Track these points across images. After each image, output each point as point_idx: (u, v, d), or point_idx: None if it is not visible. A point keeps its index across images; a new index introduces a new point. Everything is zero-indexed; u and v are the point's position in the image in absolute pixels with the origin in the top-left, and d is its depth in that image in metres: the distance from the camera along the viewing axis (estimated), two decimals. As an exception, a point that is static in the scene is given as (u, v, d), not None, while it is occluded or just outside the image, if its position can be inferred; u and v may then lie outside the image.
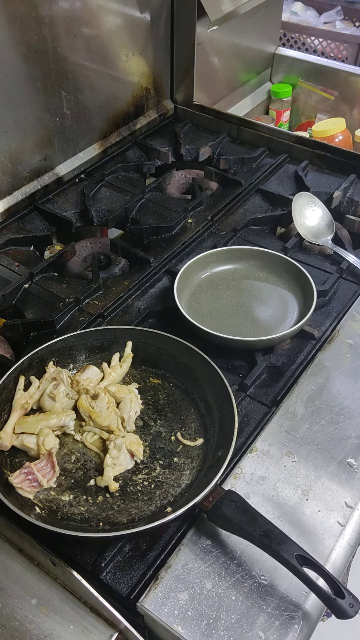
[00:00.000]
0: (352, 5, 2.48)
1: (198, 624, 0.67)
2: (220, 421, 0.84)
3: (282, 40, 2.29)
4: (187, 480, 0.79)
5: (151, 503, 0.77)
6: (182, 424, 0.86)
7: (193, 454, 0.83)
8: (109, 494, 0.78)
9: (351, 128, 1.65)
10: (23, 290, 1.10)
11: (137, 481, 0.80)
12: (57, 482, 0.79)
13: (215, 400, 0.86)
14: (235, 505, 0.72)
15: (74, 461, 0.82)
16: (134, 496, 0.78)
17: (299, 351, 0.99)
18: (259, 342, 0.96)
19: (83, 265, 1.21)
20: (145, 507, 0.76)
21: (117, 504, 0.77)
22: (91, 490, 0.79)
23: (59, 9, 1.17)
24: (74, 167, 1.37)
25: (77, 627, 0.68)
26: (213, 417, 0.85)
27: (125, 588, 0.70)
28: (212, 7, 1.40)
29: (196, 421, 0.87)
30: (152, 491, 0.78)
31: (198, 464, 0.81)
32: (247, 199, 1.33)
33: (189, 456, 0.82)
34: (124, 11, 1.34)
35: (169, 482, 0.79)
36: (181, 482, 0.79)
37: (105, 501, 0.77)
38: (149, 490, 0.78)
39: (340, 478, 0.81)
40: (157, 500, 0.77)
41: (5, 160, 1.21)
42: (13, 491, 0.76)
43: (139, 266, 1.16)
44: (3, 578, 0.72)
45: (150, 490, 0.78)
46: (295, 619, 0.68)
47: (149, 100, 1.53)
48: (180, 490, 0.78)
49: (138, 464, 0.81)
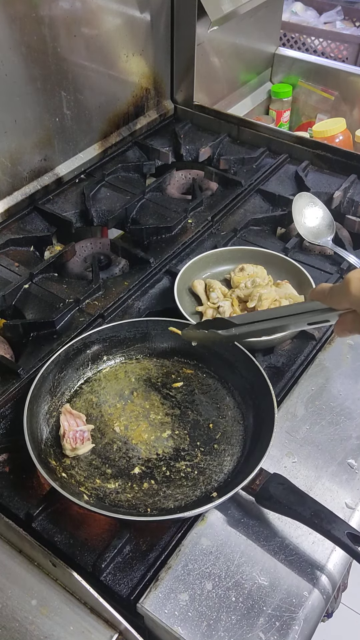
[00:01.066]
0: (352, 5, 2.48)
1: (198, 625, 0.67)
2: (257, 408, 0.85)
3: (282, 40, 2.29)
4: (229, 466, 0.81)
5: (196, 488, 0.79)
6: (219, 412, 0.88)
7: (233, 441, 0.85)
8: (154, 480, 0.80)
9: (351, 128, 1.65)
10: (23, 290, 1.10)
11: (180, 468, 0.81)
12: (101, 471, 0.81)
13: (250, 387, 0.88)
14: (282, 487, 0.74)
15: (116, 450, 0.84)
16: (179, 482, 0.80)
17: (299, 352, 0.99)
18: (259, 342, 0.96)
19: (83, 266, 1.21)
20: (191, 492, 0.78)
21: (163, 490, 0.79)
22: (136, 477, 0.80)
23: (59, 9, 1.17)
24: (74, 168, 1.37)
25: (77, 628, 0.68)
26: (249, 404, 0.87)
27: (126, 589, 0.70)
28: (212, 7, 1.40)
29: (233, 409, 0.89)
30: (196, 477, 0.80)
31: (238, 450, 0.83)
32: (247, 199, 1.33)
33: (229, 443, 0.84)
34: (124, 11, 1.34)
35: (211, 468, 0.81)
36: (223, 468, 0.81)
37: (151, 488, 0.79)
38: (193, 476, 0.80)
39: (340, 479, 0.80)
40: (202, 485, 0.79)
41: (5, 161, 1.21)
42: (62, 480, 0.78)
43: (139, 266, 1.16)
44: (3, 579, 0.72)
45: (194, 476, 0.80)
46: (296, 619, 0.68)
47: (149, 101, 1.53)
48: (223, 476, 0.80)
49: (179, 451, 0.83)
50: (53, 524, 0.76)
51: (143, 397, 0.91)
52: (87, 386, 0.92)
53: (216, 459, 0.82)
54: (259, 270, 1.06)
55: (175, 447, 0.84)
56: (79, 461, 0.82)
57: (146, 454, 0.83)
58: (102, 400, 0.90)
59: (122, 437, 0.85)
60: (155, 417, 0.88)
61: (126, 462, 0.82)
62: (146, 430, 0.86)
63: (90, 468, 0.81)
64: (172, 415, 0.88)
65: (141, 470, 0.81)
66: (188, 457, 0.83)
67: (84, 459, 0.83)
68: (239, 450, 0.83)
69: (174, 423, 0.87)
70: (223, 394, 0.91)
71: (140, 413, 0.88)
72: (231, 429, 0.86)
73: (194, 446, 0.84)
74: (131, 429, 0.86)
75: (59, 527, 0.76)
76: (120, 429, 0.86)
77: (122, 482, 0.80)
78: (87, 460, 0.82)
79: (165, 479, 0.80)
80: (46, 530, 0.76)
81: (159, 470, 0.81)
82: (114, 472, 0.81)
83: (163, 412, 0.89)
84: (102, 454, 0.83)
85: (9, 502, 0.79)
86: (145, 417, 0.88)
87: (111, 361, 0.96)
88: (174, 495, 0.78)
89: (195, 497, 0.77)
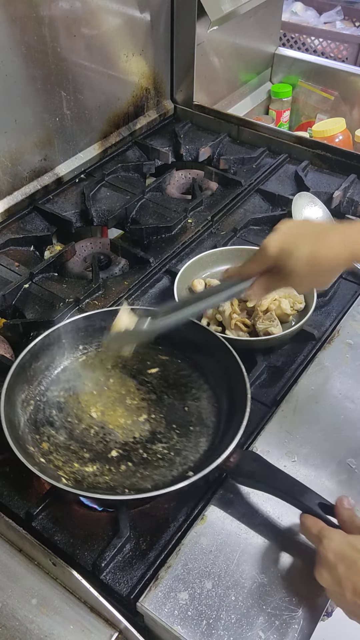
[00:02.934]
0: (352, 5, 2.48)
1: (198, 624, 0.67)
2: (231, 389, 0.86)
3: (282, 40, 2.29)
4: (204, 447, 0.82)
5: (172, 469, 0.80)
6: (194, 395, 0.90)
7: (208, 422, 0.86)
8: (131, 463, 0.80)
9: (351, 128, 1.65)
10: (23, 290, 1.10)
11: (157, 450, 0.82)
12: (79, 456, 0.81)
13: (224, 370, 0.88)
14: (256, 464, 0.76)
15: (93, 435, 0.84)
16: (155, 464, 0.81)
17: (299, 351, 0.99)
18: (259, 342, 0.96)
19: (83, 265, 1.21)
20: (168, 472, 0.79)
21: (140, 472, 0.79)
22: (113, 460, 0.81)
23: (59, 9, 1.17)
24: (74, 167, 1.37)
25: (77, 627, 0.68)
26: (223, 386, 0.88)
27: (125, 588, 0.70)
28: (212, 7, 1.40)
29: (207, 392, 0.90)
30: (172, 458, 0.81)
31: (213, 430, 0.84)
32: (247, 199, 1.33)
33: (205, 424, 0.85)
34: (124, 11, 1.34)
35: (187, 449, 0.82)
36: (199, 449, 0.82)
37: (128, 470, 0.80)
38: (169, 457, 0.81)
39: (340, 478, 0.81)
40: (178, 466, 0.80)
41: (5, 160, 1.21)
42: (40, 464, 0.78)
43: (139, 266, 1.16)
44: (3, 578, 0.72)
45: (171, 457, 0.81)
46: (295, 619, 0.68)
47: (149, 100, 1.53)
48: (199, 456, 0.81)
49: (155, 434, 0.84)
50: (53, 523, 0.76)
51: (119, 384, 0.92)
52: (63, 374, 0.93)
53: (192, 440, 0.83)
54: None
55: (152, 430, 0.85)
56: (57, 447, 0.83)
57: (123, 437, 0.84)
58: (79, 388, 0.91)
59: (99, 422, 0.86)
60: (132, 402, 0.89)
61: (103, 446, 0.83)
62: (122, 415, 0.87)
63: (68, 453, 0.82)
64: (148, 400, 0.89)
65: (118, 453, 0.82)
66: (164, 439, 0.84)
67: (62, 444, 0.83)
68: (214, 431, 0.84)
69: (150, 407, 0.88)
70: (198, 378, 0.92)
71: (116, 399, 0.89)
72: (206, 411, 0.87)
73: (170, 429, 0.85)
74: (108, 414, 0.87)
75: (59, 526, 0.76)
76: (97, 414, 0.87)
77: (100, 465, 0.80)
78: (65, 446, 0.83)
79: (142, 461, 0.81)
80: (46, 530, 0.76)
81: (135, 453, 0.82)
82: (91, 456, 0.82)
83: (139, 397, 0.90)
84: (79, 439, 0.84)
85: (9, 502, 0.79)
86: (122, 403, 0.89)
87: (87, 350, 0.96)
88: (151, 476, 0.79)
89: (172, 477, 0.79)
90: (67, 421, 0.86)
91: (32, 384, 0.89)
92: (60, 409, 0.88)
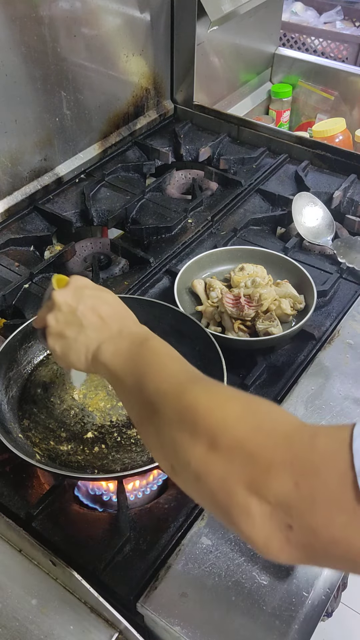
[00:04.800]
0: (352, 5, 2.48)
1: (198, 624, 0.67)
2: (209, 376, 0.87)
3: (282, 40, 2.29)
4: None
5: (143, 454, 0.82)
6: None
7: None
8: (104, 445, 0.83)
9: (351, 128, 1.65)
10: (23, 290, 1.10)
11: (131, 435, 0.85)
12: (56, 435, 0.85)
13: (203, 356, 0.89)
14: None
15: (73, 416, 0.88)
16: (128, 448, 0.83)
17: (299, 351, 0.99)
18: (259, 342, 0.96)
19: (83, 266, 1.21)
20: (138, 457, 0.82)
21: (112, 454, 0.82)
22: (88, 441, 0.84)
23: (59, 9, 1.17)
24: (74, 167, 1.37)
25: (77, 627, 0.68)
26: None
27: (126, 588, 0.70)
28: (212, 7, 1.40)
29: None
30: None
31: None
32: (247, 199, 1.33)
33: None
34: (124, 11, 1.34)
35: None
36: None
37: (101, 451, 0.83)
38: (142, 442, 0.84)
39: (340, 478, 0.80)
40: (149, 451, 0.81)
41: (5, 161, 1.21)
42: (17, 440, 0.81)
43: (139, 266, 1.16)
44: (3, 578, 0.72)
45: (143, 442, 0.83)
46: (295, 619, 0.68)
47: (149, 101, 1.53)
48: None
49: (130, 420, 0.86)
50: (53, 524, 0.76)
51: None
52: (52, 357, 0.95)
53: None
54: (259, 270, 1.06)
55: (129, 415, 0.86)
56: (36, 424, 0.86)
57: (100, 420, 0.87)
58: (65, 370, 0.93)
59: (80, 404, 0.89)
60: None
61: (81, 427, 0.86)
62: (103, 399, 0.90)
63: (46, 431, 0.86)
64: None
65: (94, 435, 0.85)
66: None
67: (42, 422, 0.87)
68: None
69: None
70: None
71: (99, 383, 0.92)
72: None
73: None
74: (89, 397, 0.90)
75: (59, 527, 0.76)
76: (79, 396, 0.91)
77: (75, 445, 0.83)
78: (45, 424, 0.86)
79: (116, 444, 0.84)
80: (46, 530, 0.76)
81: (110, 436, 0.85)
82: (68, 436, 0.85)
83: None
84: (58, 419, 0.87)
85: (9, 502, 0.79)
86: (104, 387, 0.91)
87: None
88: (122, 459, 0.82)
89: (142, 462, 0.81)
90: (50, 401, 0.90)
91: (21, 363, 0.93)
92: (46, 388, 0.92)
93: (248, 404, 0.52)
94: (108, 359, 0.64)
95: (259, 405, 0.52)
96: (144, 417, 0.58)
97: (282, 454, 0.45)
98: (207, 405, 0.52)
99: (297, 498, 0.43)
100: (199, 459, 0.49)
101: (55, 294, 0.71)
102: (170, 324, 0.95)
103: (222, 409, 0.51)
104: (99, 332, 0.67)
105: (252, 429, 0.48)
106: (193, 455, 0.50)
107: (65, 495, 0.80)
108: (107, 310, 0.69)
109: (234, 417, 0.50)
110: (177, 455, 0.52)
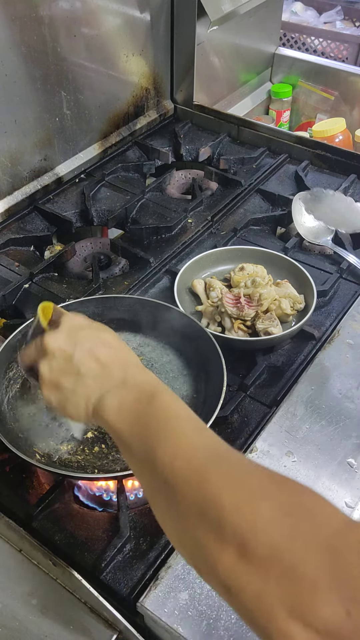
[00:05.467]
0: (352, 5, 2.48)
1: (198, 624, 0.67)
2: (208, 374, 0.89)
3: (282, 40, 2.29)
4: None
5: None
6: (174, 381, 0.92)
7: None
8: (104, 445, 0.83)
9: (351, 128, 1.65)
10: (23, 290, 1.10)
11: None
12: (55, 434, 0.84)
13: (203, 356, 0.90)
14: None
15: None
16: None
17: (299, 351, 0.99)
18: (259, 342, 0.96)
19: (83, 265, 1.21)
20: None
21: (112, 454, 0.82)
22: (88, 441, 0.84)
23: (59, 9, 1.17)
24: (74, 167, 1.37)
25: (77, 627, 0.68)
26: (201, 373, 0.91)
27: (126, 588, 0.70)
28: (212, 7, 1.40)
29: (187, 377, 0.92)
30: None
31: None
32: (247, 199, 1.33)
33: None
34: (124, 11, 1.34)
35: None
36: None
37: (101, 451, 0.83)
38: None
39: (340, 478, 0.81)
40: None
41: (5, 160, 1.21)
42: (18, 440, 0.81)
43: (139, 266, 1.16)
44: (3, 578, 0.72)
45: None
46: (296, 619, 0.68)
47: (149, 100, 1.53)
48: None
49: None
50: (53, 524, 0.76)
51: None
52: None
53: None
54: (259, 270, 1.06)
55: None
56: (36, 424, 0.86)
57: None
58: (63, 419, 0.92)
59: None
60: None
61: None
62: None
63: (46, 431, 0.85)
64: None
65: (94, 435, 0.84)
66: None
67: (41, 422, 0.86)
68: None
69: None
70: (178, 364, 0.94)
71: None
72: (185, 399, 0.89)
73: None
74: None
75: (59, 527, 0.76)
76: None
77: (75, 445, 0.83)
78: (44, 424, 0.86)
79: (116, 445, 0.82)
80: (46, 530, 0.76)
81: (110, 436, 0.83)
82: (67, 436, 0.84)
83: None
84: (58, 418, 0.87)
85: (9, 502, 0.79)
86: None
87: None
88: (122, 459, 0.81)
89: None
90: None
91: None
92: None
93: (280, 498, 0.46)
94: (112, 415, 0.58)
95: (292, 496, 0.46)
96: (156, 492, 0.52)
97: (328, 571, 0.40)
98: (232, 502, 0.45)
99: (351, 629, 0.38)
100: (229, 569, 0.43)
101: (47, 339, 0.65)
102: (170, 324, 0.95)
103: (251, 506, 0.44)
104: (99, 380, 0.61)
105: (287, 535, 0.42)
106: (220, 562, 0.44)
107: (65, 495, 0.80)
108: (107, 354, 0.63)
109: (266, 518, 0.43)
110: (202, 558, 0.46)
